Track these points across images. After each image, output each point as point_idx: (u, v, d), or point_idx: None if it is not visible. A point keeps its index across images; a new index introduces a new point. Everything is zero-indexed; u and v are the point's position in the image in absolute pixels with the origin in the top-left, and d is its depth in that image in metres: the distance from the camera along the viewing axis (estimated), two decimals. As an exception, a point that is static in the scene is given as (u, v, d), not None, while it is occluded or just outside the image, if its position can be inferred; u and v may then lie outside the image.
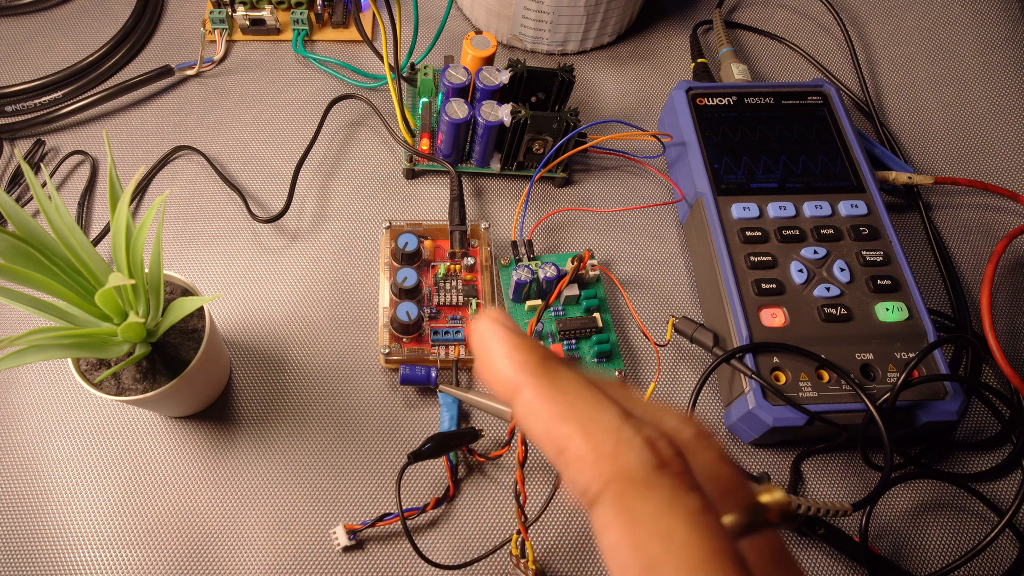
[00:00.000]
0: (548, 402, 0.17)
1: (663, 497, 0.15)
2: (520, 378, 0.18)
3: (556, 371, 0.18)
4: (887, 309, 0.42)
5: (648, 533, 0.15)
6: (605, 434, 0.16)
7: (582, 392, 0.17)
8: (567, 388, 0.17)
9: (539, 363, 0.18)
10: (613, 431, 0.16)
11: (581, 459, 0.16)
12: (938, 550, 0.42)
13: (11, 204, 0.31)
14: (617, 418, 0.16)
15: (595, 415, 0.16)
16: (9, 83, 0.52)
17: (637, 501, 0.15)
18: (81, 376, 0.36)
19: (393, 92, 0.50)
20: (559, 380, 0.17)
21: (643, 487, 0.15)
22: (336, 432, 0.43)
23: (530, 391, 0.17)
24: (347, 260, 0.49)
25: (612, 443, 0.16)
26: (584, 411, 0.17)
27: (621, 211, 0.51)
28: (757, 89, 0.51)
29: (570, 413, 0.17)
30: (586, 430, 0.16)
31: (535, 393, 0.17)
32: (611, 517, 0.15)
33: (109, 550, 0.39)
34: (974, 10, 0.64)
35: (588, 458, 0.16)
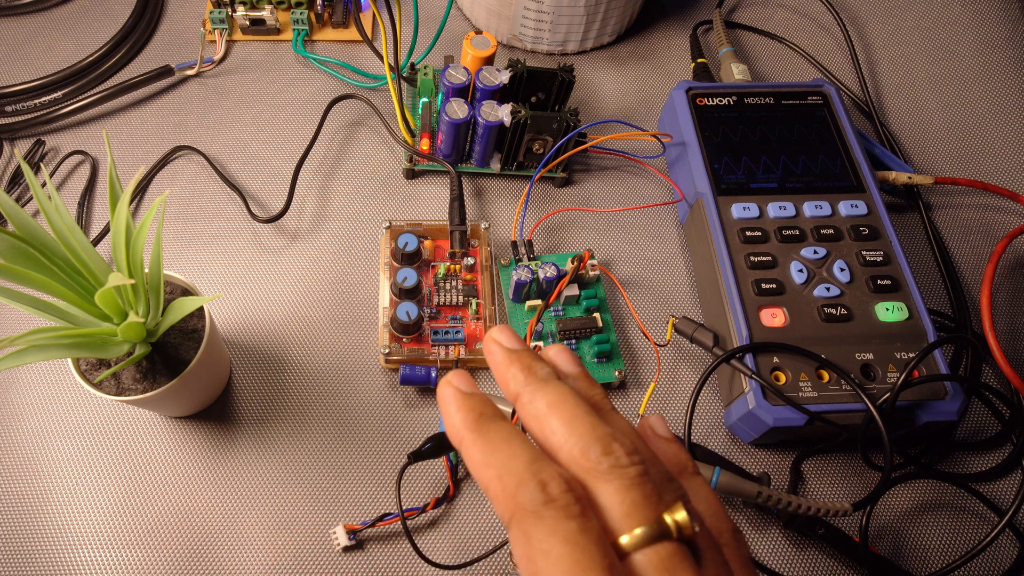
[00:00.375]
0: (477, 451, 0.22)
1: (547, 525, 0.20)
2: (461, 432, 0.23)
3: (486, 426, 0.23)
4: (887, 309, 0.42)
5: (535, 551, 0.20)
6: (511, 477, 0.21)
7: (503, 444, 0.22)
8: (492, 440, 0.22)
9: (475, 420, 0.23)
10: (517, 474, 0.21)
11: (496, 496, 0.21)
12: (938, 550, 0.42)
13: (11, 204, 0.31)
14: (524, 464, 0.21)
15: (507, 463, 0.21)
16: (9, 83, 0.52)
17: (530, 528, 0.20)
18: (81, 376, 0.36)
19: (393, 92, 0.50)
20: (487, 433, 0.23)
21: (534, 517, 0.20)
22: (336, 432, 0.43)
23: (466, 442, 0.23)
24: (347, 260, 0.49)
25: (515, 484, 0.21)
26: (499, 460, 0.22)
27: (621, 211, 0.51)
28: (757, 89, 0.51)
29: (491, 461, 0.22)
30: (500, 474, 0.21)
31: (469, 444, 0.23)
32: (514, 539, 0.21)
33: (109, 550, 0.39)
34: (974, 10, 0.64)
35: (500, 496, 0.21)
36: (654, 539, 0.20)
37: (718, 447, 0.44)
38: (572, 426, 0.22)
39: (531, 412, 0.23)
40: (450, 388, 0.24)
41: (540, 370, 0.24)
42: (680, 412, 0.45)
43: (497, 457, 0.22)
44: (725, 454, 0.43)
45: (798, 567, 0.41)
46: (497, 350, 0.25)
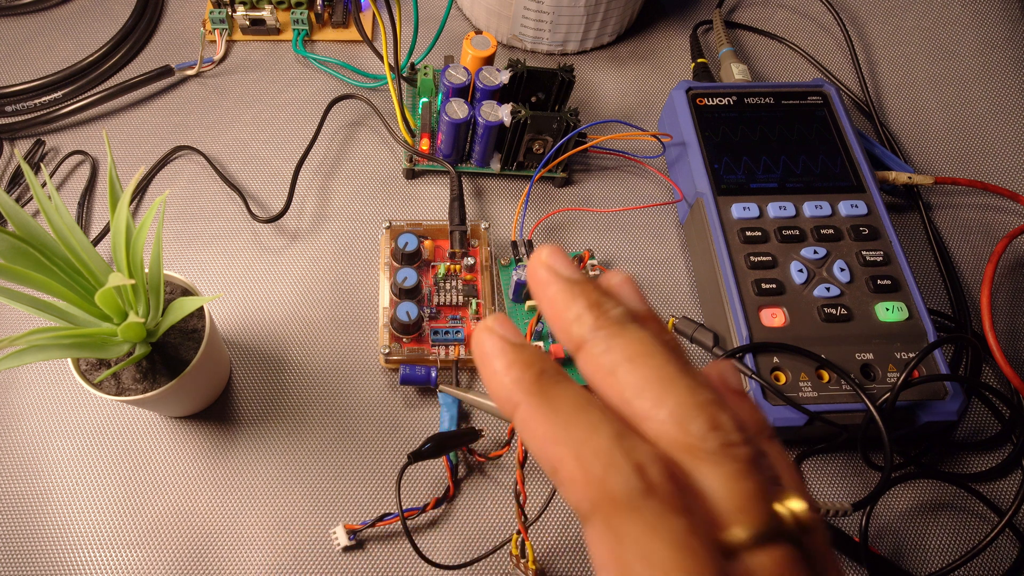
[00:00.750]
0: (542, 423, 0.17)
1: (647, 521, 0.15)
2: (516, 396, 0.18)
3: (552, 389, 0.17)
4: (887, 309, 0.42)
5: (632, 555, 0.15)
6: (595, 458, 0.16)
7: (577, 413, 0.17)
8: (561, 408, 0.17)
9: (534, 380, 0.18)
10: (603, 454, 0.16)
11: (573, 481, 0.16)
12: (938, 550, 0.42)
13: (11, 204, 0.31)
14: (609, 441, 0.16)
15: (587, 438, 0.17)
16: (9, 83, 0.52)
17: (623, 523, 0.16)
18: (81, 376, 0.36)
19: (393, 92, 0.50)
20: (554, 399, 0.17)
21: (628, 510, 0.16)
22: (336, 432, 0.43)
23: (525, 410, 0.17)
24: (347, 260, 0.49)
25: (601, 467, 0.16)
26: (576, 434, 0.17)
27: (621, 211, 0.51)
28: (757, 89, 0.51)
29: (563, 435, 0.17)
30: (577, 453, 0.16)
31: (530, 413, 0.17)
32: (599, 537, 0.16)
33: (109, 550, 0.39)
34: (974, 10, 0.64)
35: (579, 481, 0.16)
36: (769, 538, 0.16)
37: (718, 447, 0.44)
38: (665, 389, 0.17)
39: (604, 367, 0.18)
40: (494, 337, 0.18)
41: (612, 308, 0.18)
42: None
43: (574, 431, 0.17)
44: (725, 454, 0.43)
45: (798, 567, 0.41)
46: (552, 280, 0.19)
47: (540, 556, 0.40)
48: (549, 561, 0.40)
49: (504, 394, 0.18)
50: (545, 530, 0.41)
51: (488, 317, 0.19)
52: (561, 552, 0.41)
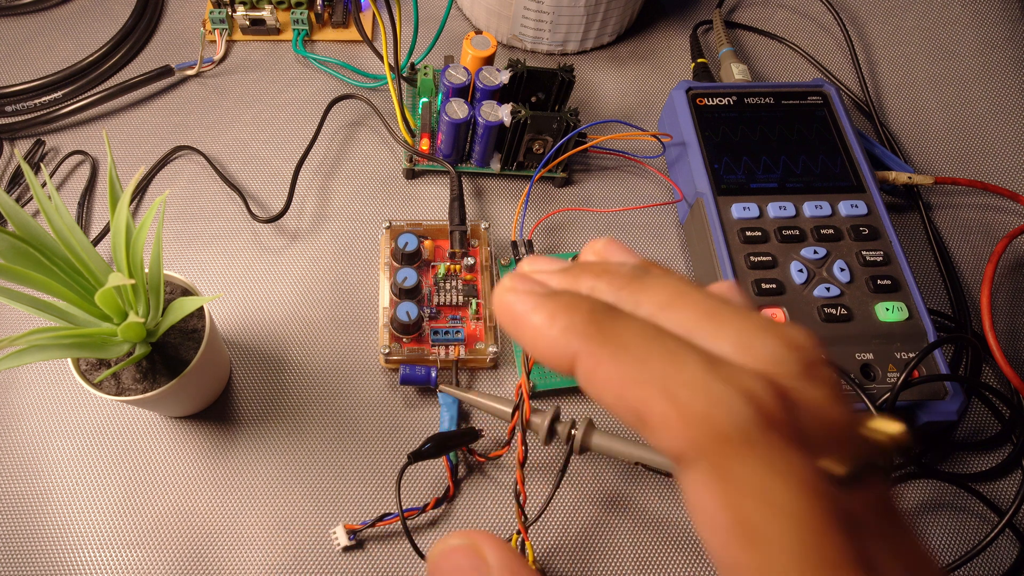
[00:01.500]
0: (613, 366, 0.15)
1: (764, 457, 0.13)
2: (572, 346, 0.15)
3: (613, 325, 0.15)
4: (887, 309, 0.42)
5: (748, 499, 0.13)
6: (691, 392, 0.14)
7: (651, 345, 0.14)
8: (631, 343, 0.14)
9: (589, 322, 0.15)
10: (700, 387, 0.14)
11: (667, 425, 0.14)
12: (938, 550, 0.42)
13: (11, 204, 0.31)
14: (701, 370, 0.14)
15: (673, 371, 0.14)
16: (9, 83, 0.52)
17: (736, 464, 0.13)
18: (81, 376, 0.36)
19: (393, 92, 0.50)
20: (620, 336, 0.15)
21: (743, 447, 0.13)
22: (336, 432, 0.43)
23: (588, 359, 0.15)
24: (347, 260, 0.49)
25: (702, 401, 0.14)
26: (659, 368, 0.14)
27: (621, 211, 0.51)
28: (757, 89, 0.51)
29: (643, 374, 0.14)
30: (667, 391, 0.14)
31: (594, 360, 0.15)
32: (706, 482, 0.14)
33: (109, 550, 0.39)
34: (974, 10, 0.64)
35: (675, 423, 0.14)
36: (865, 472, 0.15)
37: (718, 447, 0.44)
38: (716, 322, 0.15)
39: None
40: (520, 295, 0.16)
41: (620, 267, 0.17)
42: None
43: (654, 366, 0.14)
44: (725, 454, 0.43)
45: (798, 567, 0.41)
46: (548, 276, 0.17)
47: (540, 556, 0.40)
48: (549, 561, 0.40)
49: (557, 349, 0.15)
50: (545, 530, 0.41)
51: (504, 277, 0.16)
52: (561, 552, 0.41)
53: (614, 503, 0.42)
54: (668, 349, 0.14)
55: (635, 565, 0.40)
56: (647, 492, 0.42)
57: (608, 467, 0.43)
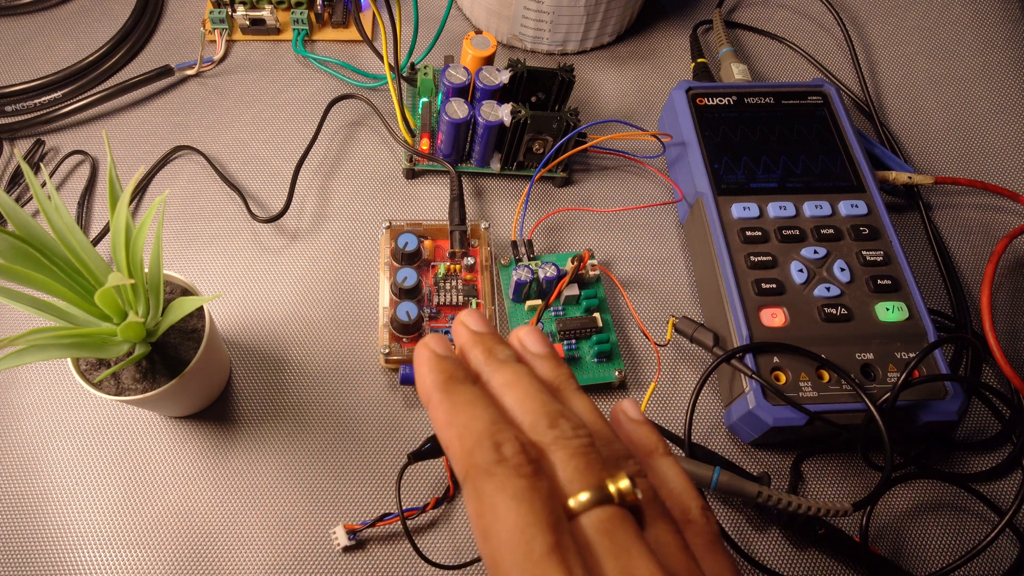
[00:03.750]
0: (442, 412, 0.23)
1: (497, 481, 0.20)
2: (430, 392, 0.24)
3: (455, 388, 0.24)
4: (887, 309, 0.42)
5: (485, 507, 0.20)
6: (470, 437, 0.22)
7: (466, 407, 0.23)
8: (458, 402, 0.23)
9: (444, 381, 0.24)
10: (475, 435, 0.22)
11: (455, 454, 0.22)
12: (938, 550, 0.42)
13: (11, 204, 0.31)
14: (483, 425, 0.22)
15: (468, 424, 0.22)
16: (9, 83, 0.52)
17: (481, 484, 0.21)
18: (81, 376, 0.36)
19: (393, 92, 0.50)
20: (456, 396, 0.23)
21: (485, 474, 0.21)
22: (336, 432, 0.43)
23: (433, 402, 0.24)
24: (347, 260, 0.49)
25: (472, 443, 0.22)
26: (462, 420, 0.22)
27: (621, 211, 0.51)
28: (757, 89, 0.51)
29: (453, 421, 0.23)
30: (459, 434, 0.22)
31: (436, 404, 0.23)
32: (467, 495, 0.21)
33: (109, 550, 0.39)
34: (974, 10, 0.64)
35: (458, 454, 0.22)
36: (597, 503, 0.21)
37: (718, 447, 0.44)
38: (524, 403, 0.23)
39: (489, 390, 0.24)
40: (425, 350, 0.25)
41: (501, 352, 0.25)
42: (680, 412, 0.45)
43: (460, 418, 0.22)
44: (725, 454, 0.43)
45: (798, 567, 0.41)
46: (463, 332, 0.26)
47: (540, 556, 0.40)
48: (549, 561, 0.40)
49: (424, 391, 0.24)
50: (545, 530, 0.41)
51: (427, 336, 0.25)
52: (561, 552, 0.41)
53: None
54: (474, 411, 0.23)
55: (635, 565, 0.40)
56: (647, 492, 0.42)
57: (608, 467, 0.43)
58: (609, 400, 0.45)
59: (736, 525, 0.42)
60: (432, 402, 0.24)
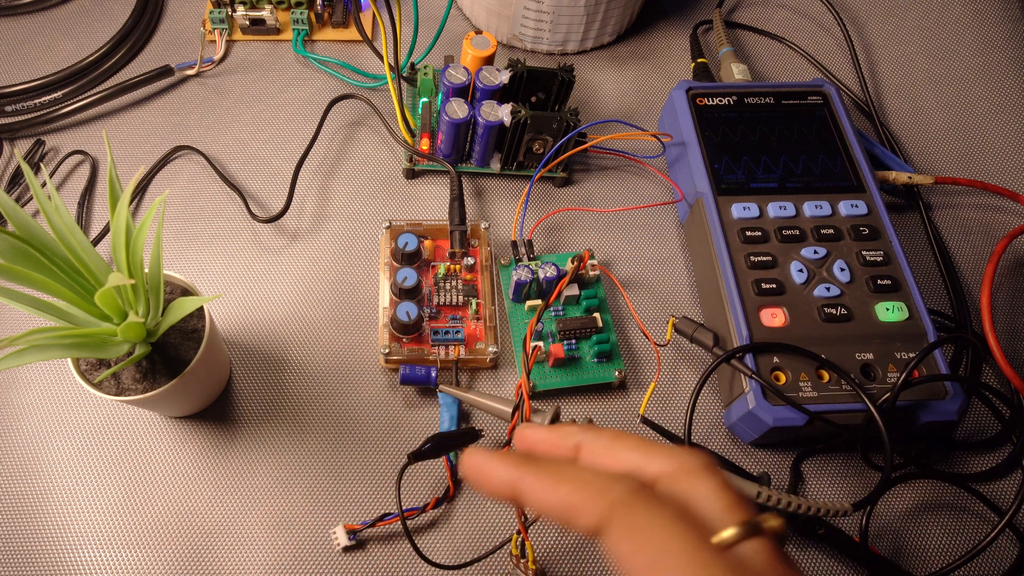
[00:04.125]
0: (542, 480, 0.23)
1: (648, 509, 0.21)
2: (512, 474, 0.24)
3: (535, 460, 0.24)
4: (887, 309, 0.42)
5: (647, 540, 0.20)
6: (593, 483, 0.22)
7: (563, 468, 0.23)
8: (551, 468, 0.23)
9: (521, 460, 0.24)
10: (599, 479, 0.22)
11: (580, 507, 0.22)
12: (938, 550, 0.42)
13: (11, 204, 0.31)
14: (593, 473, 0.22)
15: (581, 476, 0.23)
16: (9, 83, 0.52)
17: (632, 517, 0.21)
18: (81, 376, 0.36)
19: (393, 92, 0.50)
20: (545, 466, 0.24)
21: (630, 507, 0.21)
22: (336, 432, 0.43)
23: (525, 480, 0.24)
24: (347, 260, 0.49)
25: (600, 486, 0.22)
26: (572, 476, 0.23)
27: (621, 211, 0.51)
28: (757, 89, 0.51)
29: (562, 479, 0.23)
30: (576, 488, 0.22)
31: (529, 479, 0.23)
32: (618, 537, 0.21)
33: (109, 550, 0.39)
34: (974, 10, 0.64)
35: (586, 503, 0.22)
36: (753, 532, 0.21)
37: (718, 447, 0.44)
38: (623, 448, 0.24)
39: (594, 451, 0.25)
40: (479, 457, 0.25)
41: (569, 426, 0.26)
42: (680, 412, 0.45)
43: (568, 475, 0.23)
44: (725, 454, 0.43)
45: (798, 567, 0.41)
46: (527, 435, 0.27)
47: (540, 556, 0.40)
48: (549, 561, 0.40)
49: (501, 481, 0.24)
50: (545, 530, 0.41)
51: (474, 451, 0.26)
52: (561, 552, 0.41)
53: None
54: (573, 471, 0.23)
55: (635, 565, 0.40)
56: (647, 492, 0.42)
57: (608, 467, 0.43)
58: (609, 400, 0.45)
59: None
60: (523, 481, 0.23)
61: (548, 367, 0.44)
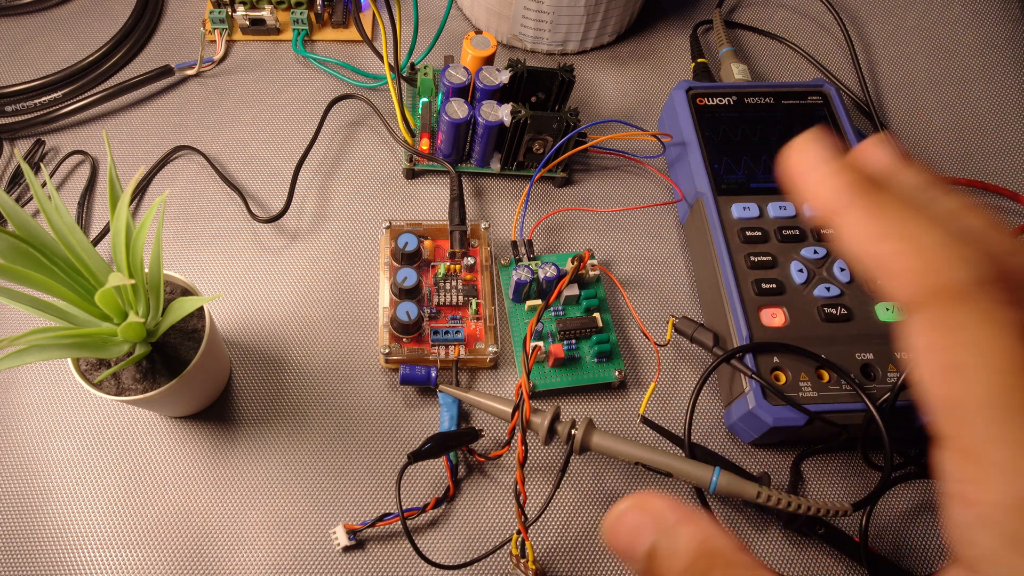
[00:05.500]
0: (870, 221, 0.18)
1: (981, 309, 0.16)
2: (842, 197, 0.19)
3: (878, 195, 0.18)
4: (887, 309, 0.42)
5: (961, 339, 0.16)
6: (931, 251, 0.17)
7: (906, 213, 0.18)
8: (888, 210, 0.18)
9: (860, 184, 0.19)
10: (939, 248, 0.17)
11: (908, 273, 0.18)
12: (938, 550, 0.42)
13: (11, 204, 0.31)
14: (942, 237, 0.17)
15: (921, 234, 0.18)
16: (9, 83, 0.52)
17: (956, 311, 0.17)
18: (81, 376, 0.36)
19: (393, 92, 0.50)
20: (883, 204, 0.18)
21: (963, 299, 0.17)
22: (336, 432, 0.43)
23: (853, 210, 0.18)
24: (347, 260, 0.49)
25: (937, 259, 0.17)
26: (910, 230, 0.18)
27: (621, 211, 0.51)
28: (757, 89, 0.51)
29: (896, 232, 0.18)
30: (905, 248, 0.18)
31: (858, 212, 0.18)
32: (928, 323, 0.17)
33: (109, 550, 0.39)
34: (974, 10, 0.64)
35: (910, 271, 0.17)
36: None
37: (718, 447, 0.44)
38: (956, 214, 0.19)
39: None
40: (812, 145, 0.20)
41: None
42: (680, 412, 0.45)
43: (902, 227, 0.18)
44: (725, 454, 0.43)
45: (798, 567, 0.41)
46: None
47: (540, 556, 0.40)
48: (549, 561, 0.40)
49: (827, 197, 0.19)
50: (545, 530, 0.41)
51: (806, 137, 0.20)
52: (561, 552, 0.41)
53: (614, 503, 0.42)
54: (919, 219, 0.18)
55: (635, 565, 0.40)
56: (647, 492, 0.42)
57: (608, 467, 0.43)
58: (609, 400, 0.45)
59: (736, 525, 0.42)
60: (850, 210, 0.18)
61: (548, 367, 0.44)
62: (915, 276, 0.17)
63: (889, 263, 0.18)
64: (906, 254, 0.18)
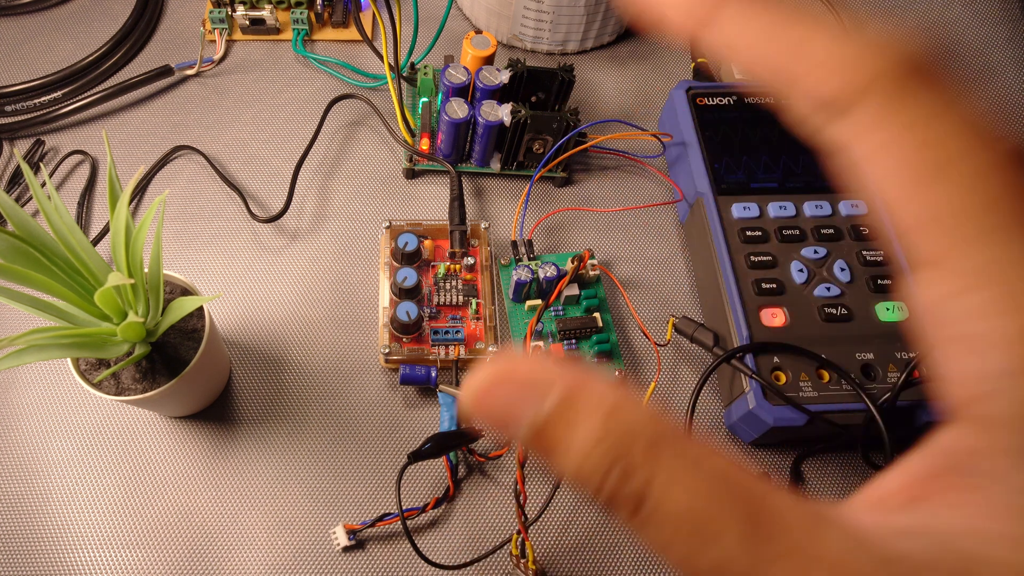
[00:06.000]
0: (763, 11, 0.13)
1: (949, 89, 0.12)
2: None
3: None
4: (887, 309, 0.42)
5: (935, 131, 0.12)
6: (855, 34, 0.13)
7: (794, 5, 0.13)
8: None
9: None
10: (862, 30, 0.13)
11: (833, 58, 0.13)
12: (938, 550, 0.42)
13: (11, 204, 0.31)
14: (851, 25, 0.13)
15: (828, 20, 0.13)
16: (9, 83, 0.52)
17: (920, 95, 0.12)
18: (81, 376, 0.36)
19: (393, 92, 0.50)
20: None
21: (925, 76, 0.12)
22: (336, 432, 0.43)
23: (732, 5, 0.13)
24: (347, 260, 0.49)
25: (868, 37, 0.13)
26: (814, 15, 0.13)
27: (621, 211, 0.51)
28: (757, 89, 0.51)
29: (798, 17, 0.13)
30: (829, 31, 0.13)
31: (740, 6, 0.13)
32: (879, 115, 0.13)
33: (109, 550, 0.39)
34: (974, 10, 0.64)
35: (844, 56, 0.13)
36: None
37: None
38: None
39: None
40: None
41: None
42: (680, 412, 0.45)
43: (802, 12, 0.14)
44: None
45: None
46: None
47: (540, 556, 0.40)
48: (549, 561, 0.40)
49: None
50: (545, 530, 0.41)
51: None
52: (561, 552, 0.41)
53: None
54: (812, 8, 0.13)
55: (634, 565, 0.40)
56: (647, 492, 0.42)
57: (608, 467, 0.43)
58: (609, 400, 0.45)
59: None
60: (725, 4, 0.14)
61: (548, 367, 0.44)
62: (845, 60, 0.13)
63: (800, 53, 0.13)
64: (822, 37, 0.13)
